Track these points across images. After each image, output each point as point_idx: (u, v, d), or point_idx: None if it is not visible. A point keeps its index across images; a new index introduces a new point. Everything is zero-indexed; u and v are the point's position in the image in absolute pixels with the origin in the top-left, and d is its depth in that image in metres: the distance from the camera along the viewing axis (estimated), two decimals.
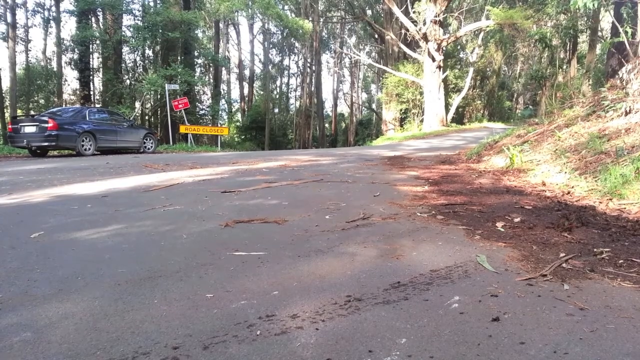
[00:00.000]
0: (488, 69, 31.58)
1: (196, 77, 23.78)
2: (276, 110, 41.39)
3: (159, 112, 25.50)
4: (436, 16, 20.49)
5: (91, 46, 23.96)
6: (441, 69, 22.06)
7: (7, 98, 22.95)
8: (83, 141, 12.07)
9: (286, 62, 43.59)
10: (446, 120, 23.06)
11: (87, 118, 12.61)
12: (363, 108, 49.81)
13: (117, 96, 22.44)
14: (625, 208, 3.72)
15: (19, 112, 21.98)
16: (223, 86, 39.08)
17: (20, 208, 4.18)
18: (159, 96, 23.51)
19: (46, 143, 11.48)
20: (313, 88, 37.78)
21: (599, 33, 22.71)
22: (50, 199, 4.62)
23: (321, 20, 35.92)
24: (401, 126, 26.43)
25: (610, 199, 4.00)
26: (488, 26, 22.30)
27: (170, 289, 2.17)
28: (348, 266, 2.48)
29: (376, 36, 33.29)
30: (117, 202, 4.42)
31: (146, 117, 26.77)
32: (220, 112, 31.25)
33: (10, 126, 12.30)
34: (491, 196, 4.50)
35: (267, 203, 4.39)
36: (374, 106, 42.17)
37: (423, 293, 2.09)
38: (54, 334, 1.72)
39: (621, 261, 2.48)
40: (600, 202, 3.97)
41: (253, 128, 34.72)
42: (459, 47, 30.51)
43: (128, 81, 24.81)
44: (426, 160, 8.92)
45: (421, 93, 23.59)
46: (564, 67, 21.65)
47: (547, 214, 3.60)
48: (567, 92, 9.40)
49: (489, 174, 6.13)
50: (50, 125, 11.30)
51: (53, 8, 25.58)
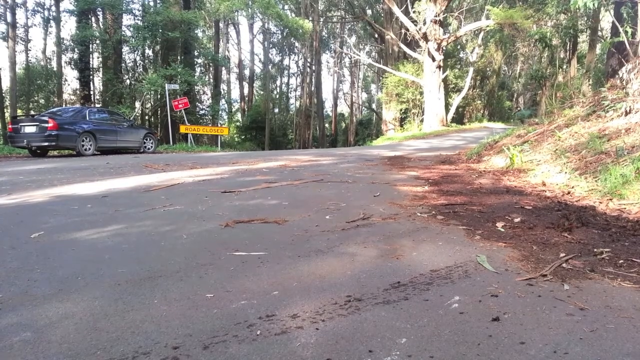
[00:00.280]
0: (488, 69, 31.57)
1: (196, 77, 23.76)
2: (276, 110, 41.38)
3: (159, 112, 25.47)
4: (436, 16, 20.49)
5: (91, 46, 23.93)
6: (441, 69, 22.06)
7: (7, 98, 22.95)
8: (83, 141, 12.07)
9: (286, 62, 43.66)
10: (446, 120, 23.06)
11: (87, 118, 12.61)
12: (363, 108, 49.81)
13: (117, 96, 22.43)
14: (625, 208, 3.72)
15: (19, 112, 21.96)
16: (223, 86, 39.10)
17: (20, 208, 4.18)
18: (159, 96, 23.48)
19: (46, 143, 11.48)
20: (313, 88, 37.77)
21: (599, 33, 22.70)
22: (50, 199, 4.62)
23: (321, 20, 35.92)
24: (401, 126, 26.43)
25: (610, 199, 4.00)
26: (488, 26, 22.30)
27: (170, 289, 2.17)
28: (348, 266, 2.48)
29: (376, 36, 33.30)
30: (117, 202, 4.42)
31: (146, 117, 26.74)
32: (220, 112, 31.24)
33: (10, 126, 12.30)
34: (491, 196, 4.50)
35: (267, 203, 4.39)
36: (374, 106, 42.18)
37: (423, 293, 2.09)
38: (54, 334, 1.72)
39: (621, 261, 2.48)
40: (600, 202, 3.97)
41: (253, 128, 34.72)
42: (459, 47, 30.51)
43: (128, 81, 24.79)
44: (426, 160, 8.92)
45: (421, 93, 23.59)
46: (564, 67, 21.64)
47: (547, 214, 3.60)
48: (567, 92, 9.40)
49: (489, 174, 6.13)
50: (50, 125, 11.30)
51: (53, 8, 25.58)
